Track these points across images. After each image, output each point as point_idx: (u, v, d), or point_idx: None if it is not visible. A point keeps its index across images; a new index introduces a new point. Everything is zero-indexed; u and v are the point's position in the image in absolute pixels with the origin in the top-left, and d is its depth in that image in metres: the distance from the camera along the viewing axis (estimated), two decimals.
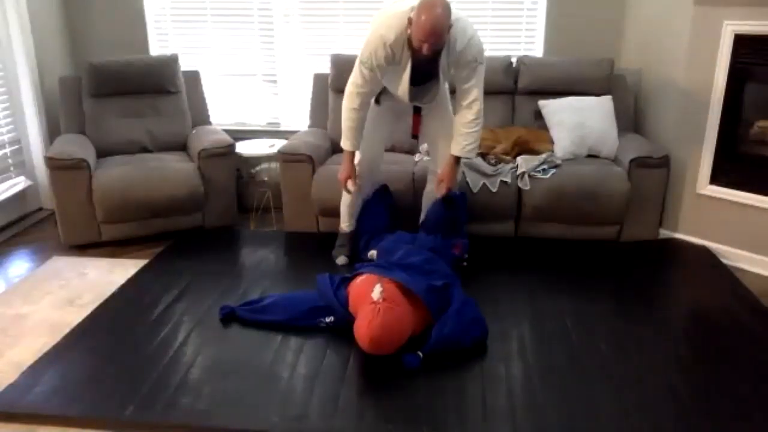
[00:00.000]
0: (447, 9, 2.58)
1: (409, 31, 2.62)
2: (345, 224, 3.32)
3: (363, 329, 2.32)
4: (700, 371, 2.36)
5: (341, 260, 3.30)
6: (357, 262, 3.02)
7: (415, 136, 3.15)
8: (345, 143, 3.00)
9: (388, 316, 2.31)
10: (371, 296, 2.38)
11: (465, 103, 2.85)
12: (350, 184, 3.04)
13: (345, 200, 3.25)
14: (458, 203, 3.12)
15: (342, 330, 2.55)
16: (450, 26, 2.60)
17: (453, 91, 3.03)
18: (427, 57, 2.62)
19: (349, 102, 2.89)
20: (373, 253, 3.08)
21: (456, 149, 2.92)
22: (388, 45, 2.67)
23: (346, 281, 2.67)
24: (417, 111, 3.06)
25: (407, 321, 2.41)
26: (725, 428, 2.05)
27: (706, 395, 2.22)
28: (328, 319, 2.62)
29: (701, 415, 2.12)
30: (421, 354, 2.38)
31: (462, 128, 2.88)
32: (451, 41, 2.67)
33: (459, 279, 2.76)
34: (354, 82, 2.85)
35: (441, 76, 2.79)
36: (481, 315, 2.59)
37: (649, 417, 2.10)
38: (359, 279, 2.60)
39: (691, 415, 2.12)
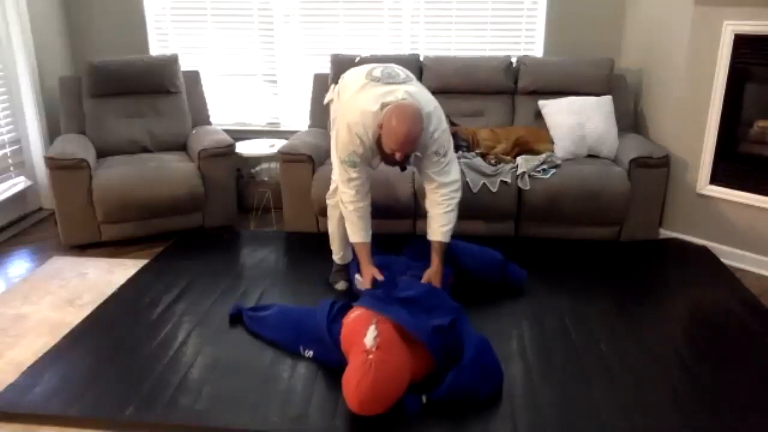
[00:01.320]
0: (419, 116, 2.47)
1: (379, 133, 2.50)
2: (337, 256, 3.09)
3: (351, 388, 2.02)
4: (700, 371, 2.36)
5: (341, 285, 3.06)
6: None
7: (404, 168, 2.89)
8: (357, 236, 2.73)
9: (380, 372, 2.01)
10: (364, 342, 2.10)
11: (431, 186, 2.72)
12: (378, 275, 2.70)
13: (334, 230, 3.02)
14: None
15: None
16: (422, 130, 2.51)
17: None
18: (399, 162, 2.54)
19: (347, 197, 2.68)
20: (358, 277, 2.85)
21: (434, 235, 2.74)
22: (366, 144, 2.57)
23: (345, 311, 2.44)
24: None
25: (404, 373, 2.11)
26: (725, 428, 2.05)
27: (706, 395, 2.22)
28: (307, 353, 2.43)
29: (701, 414, 2.11)
30: (425, 399, 2.14)
31: (433, 210, 2.74)
32: None
33: (464, 312, 2.47)
34: (345, 180, 2.66)
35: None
36: (498, 363, 2.29)
37: (650, 417, 2.10)
38: (353, 314, 2.33)
39: (692, 414, 2.11)
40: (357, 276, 2.86)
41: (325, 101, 3.01)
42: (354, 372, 2.04)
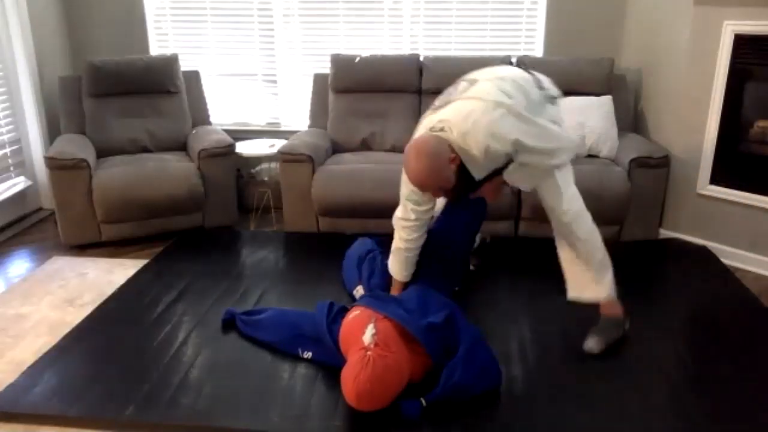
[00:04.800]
0: (428, 151, 2.21)
1: None
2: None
3: (349, 383, 2.03)
4: (700, 371, 2.36)
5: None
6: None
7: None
8: (400, 275, 2.70)
9: (378, 367, 2.01)
10: (362, 339, 2.11)
11: None
12: None
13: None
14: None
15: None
16: (442, 165, 2.23)
17: None
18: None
19: (405, 234, 2.60)
20: (359, 289, 2.88)
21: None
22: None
23: (344, 312, 2.44)
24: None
25: (402, 370, 2.10)
26: (725, 428, 2.05)
27: (706, 395, 2.22)
28: (306, 354, 2.43)
29: (701, 414, 2.11)
30: (423, 402, 2.11)
31: None
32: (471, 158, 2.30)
33: (459, 307, 2.44)
34: (403, 218, 2.58)
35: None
36: (494, 357, 2.28)
37: (649, 417, 2.10)
38: (352, 314, 2.34)
39: (692, 414, 2.12)
40: (358, 288, 2.86)
41: None
42: (352, 367, 2.04)
